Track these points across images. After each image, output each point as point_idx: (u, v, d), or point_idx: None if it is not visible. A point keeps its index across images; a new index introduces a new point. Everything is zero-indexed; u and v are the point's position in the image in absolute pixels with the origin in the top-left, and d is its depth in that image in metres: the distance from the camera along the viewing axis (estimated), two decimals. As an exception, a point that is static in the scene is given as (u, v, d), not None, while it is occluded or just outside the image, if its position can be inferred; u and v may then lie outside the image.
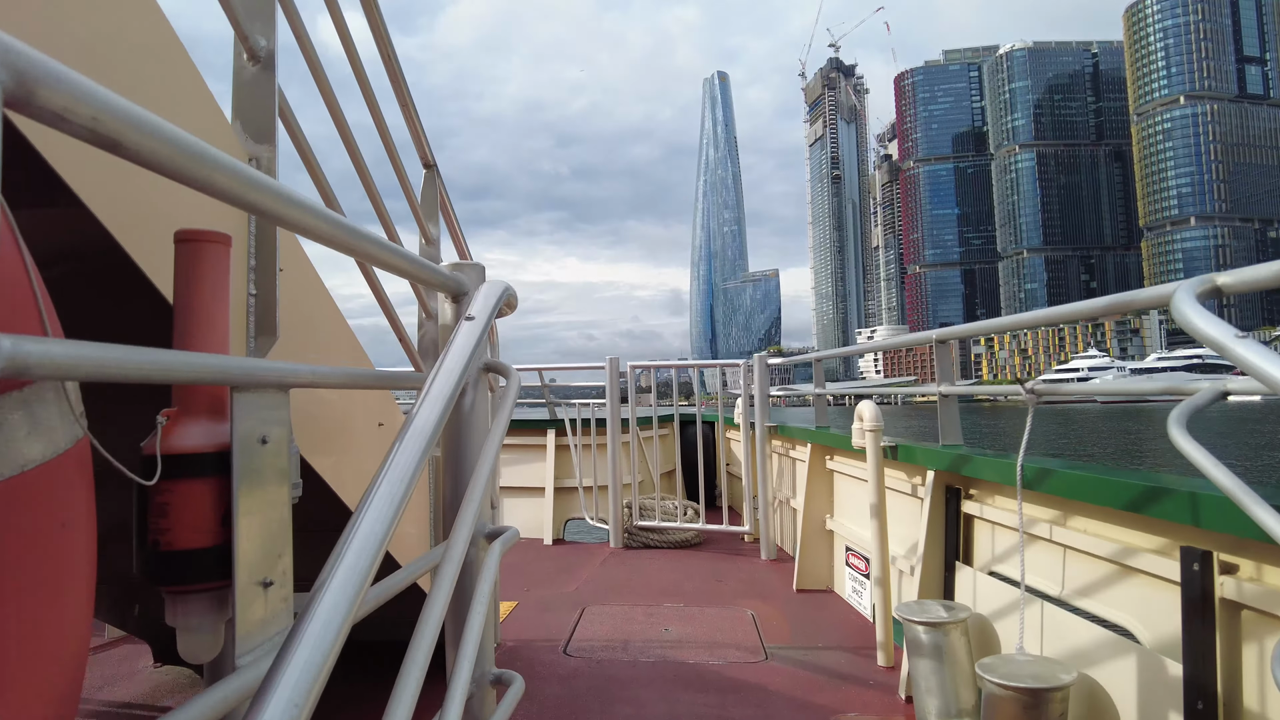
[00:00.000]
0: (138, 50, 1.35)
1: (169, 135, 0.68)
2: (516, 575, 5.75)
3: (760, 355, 6.56)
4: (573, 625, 4.37)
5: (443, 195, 3.09)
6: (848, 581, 4.77)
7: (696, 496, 7.09)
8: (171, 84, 1.44)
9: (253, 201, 0.85)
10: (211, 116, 1.55)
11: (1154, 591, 2.22)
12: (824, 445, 5.25)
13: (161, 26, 1.40)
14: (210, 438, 1.17)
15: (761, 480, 6.32)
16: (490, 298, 1.57)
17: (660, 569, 5.87)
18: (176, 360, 0.81)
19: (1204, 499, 1.91)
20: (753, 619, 4.48)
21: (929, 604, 2.82)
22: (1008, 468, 2.81)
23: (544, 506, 7.37)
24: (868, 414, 3.68)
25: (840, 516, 5.10)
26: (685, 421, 8.28)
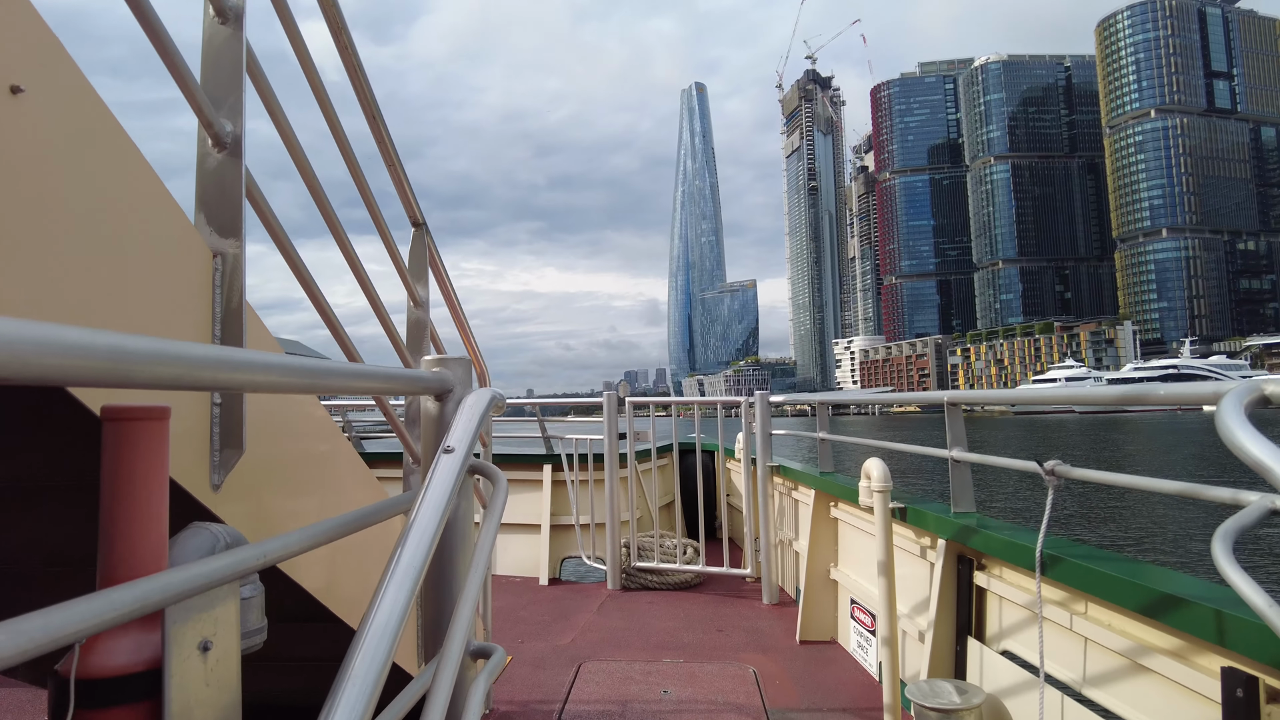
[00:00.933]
0: (91, 155, 1.28)
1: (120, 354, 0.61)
2: (511, 622, 5.57)
3: (761, 394, 6.24)
4: (568, 686, 4.23)
5: (433, 253, 2.94)
6: (853, 635, 4.61)
7: (696, 526, 6.85)
8: (125, 186, 1.35)
9: (203, 381, 0.77)
10: (168, 214, 1.44)
11: (1189, 704, 2.09)
12: (828, 492, 5.06)
13: (114, 130, 1.33)
14: (139, 653, 1.02)
15: (763, 521, 5.99)
16: (472, 420, 1.46)
17: (659, 615, 5.63)
18: (80, 613, 0.70)
19: (1251, 626, 1.80)
20: (754, 677, 4.34)
21: (941, 685, 2.70)
22: (1024, 550, 2.71)
23: (540, 544, 7.15)
24: (875, 473, 3.49)
25: (845, 566, 4.92)
26: (685, 450, 8.03)
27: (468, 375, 1.65)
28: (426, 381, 1.55)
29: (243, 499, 1.60)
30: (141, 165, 1.39)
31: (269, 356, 0.92)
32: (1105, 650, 2.45)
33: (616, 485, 6.61)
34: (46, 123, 1.18)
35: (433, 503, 1.20)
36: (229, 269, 1.60)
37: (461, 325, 3.45)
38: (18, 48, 1.13)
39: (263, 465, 1.70)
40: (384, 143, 2.44)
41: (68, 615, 0.68)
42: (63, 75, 1.22)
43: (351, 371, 1.21)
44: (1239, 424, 1.18)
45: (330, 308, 2.10)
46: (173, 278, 1.45)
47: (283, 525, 1.80)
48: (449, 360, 1.62)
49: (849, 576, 4.76)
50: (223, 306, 1.58)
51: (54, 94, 1.20)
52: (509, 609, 5.99)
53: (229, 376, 0.81)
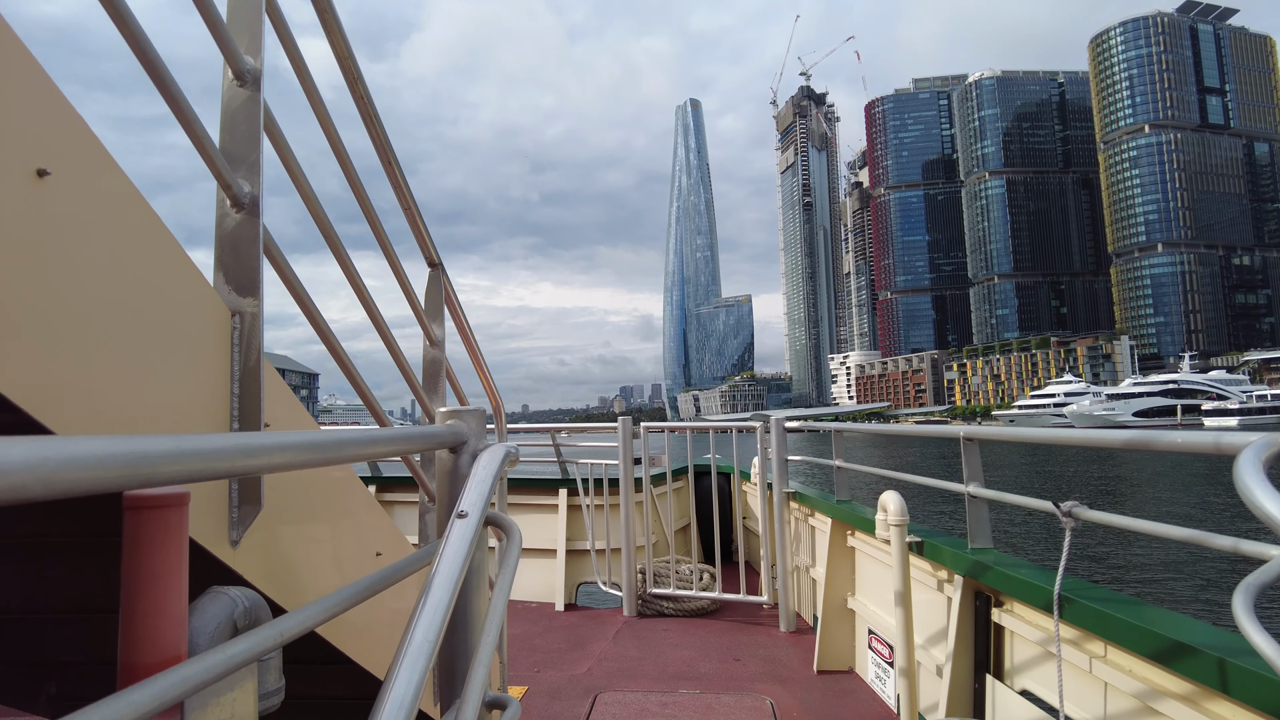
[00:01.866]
0: (114, 230, 1.31)
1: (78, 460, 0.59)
2: (527, 650, 5.54)
3: (777, 419, 6.19)
4: (584, 719, 4.24)
5: (448, 292, 2.96)
6: (870, 666, 4.57)
7: (712, 549, 6.77)
8: (147, 256, 1.38)
9: (222, 471, 0.78)
10: (188, 280, 1.47)
11: None
12: (845, 522, 5.03)
13: (137, 204, 1.36)
14: None
15: (780, 549, 5.95)
16: (485, 481, 1.47)
17: (675, 644, 5.60)
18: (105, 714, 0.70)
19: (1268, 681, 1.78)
20: (771, 709, 4.31)
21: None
22: (1041, 590, 2.70)
23: (555, 569, 7.16)
24: (893, 506, 3.50)
25: (863, 596, 4.89)
26: (700, 472, 8.10)
27: (481, 426, 1.65)
28: (440, 437, 1.56)
29: (261, 553, 1.63)
30: (163, 234, 1.42)
31: (287, 437, 0.94)
32: (1123, 695, 2.41)
33: (632, 511, 6.49)
34: (72, 203, 1.20)
35: (447, 569, 1.21)
36: (247, 327, 1.62)
37: (479, 365, 3.44)
38: (45, 132, 1.16)
39: (280, 518, 1.72)
40: (400, 189, 2.49)
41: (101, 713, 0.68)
42: (88, 156, 1.25)
43: (367, 439, 1.22)
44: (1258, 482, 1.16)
45: (348, 358, 2.14)
46: (193, 339, 1.48)
47: (299, 575, 1.82)
48: (463, 412, 1.63)
49: (867, 606, 4.71)
50: (240, 364, 1.60)
51: (80, 175, 1.23)
52: (525, 636, 5.91)
53: (247, 463, 0.82)
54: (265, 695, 1.30)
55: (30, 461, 0.52)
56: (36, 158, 1.13)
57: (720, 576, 6.56)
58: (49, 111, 1.18)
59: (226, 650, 0.94)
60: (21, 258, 1.09)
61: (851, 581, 5.07)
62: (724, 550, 7.12)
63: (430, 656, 1.02)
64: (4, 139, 1.09)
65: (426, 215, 2.44)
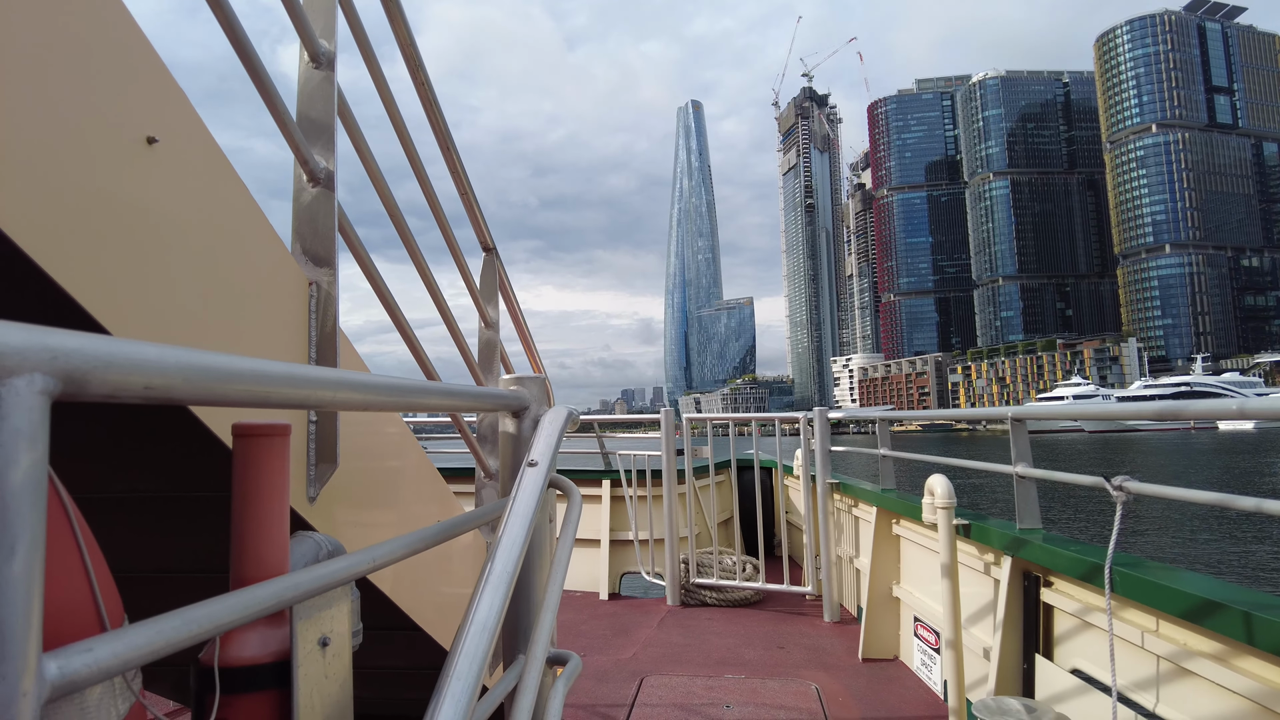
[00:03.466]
0: (210, 197, 1.38)
1: (218, 371, 0.66)
2: (572, 636, 5.69)
3: (820, 409, 6.27)
4: (631, 699, 4.28)
5: (502, 277, 3.04)
6: (916, 653, 4.60)
7: (755, 545, 6.81)
8: (238, 224, 1.46)
9: (303, 399, 0.84)
10: (271, 248, 1.55)
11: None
12: (890, 510, 5.08)
13: (229, 174, 1.43)
14: (268, 646, 1.14)
15: (824, 539, 6.06)
16: (553, 435, 1.52)
17: (719, 632, 5.67)
18: (227, 607, 0.77)
19: None
20: (817, 694, 4.31)
21: (1008, 702, 2.64)
22: (1092, 566, 2.70)
23: (599, 559, 7.30)
24: (939, 489, 3.49)
25: (908, 584, 4.94)
26: (743, 467, 8.28)
27: (542, 393, 1.69)
28: (506, 399, 1.60)
29: (335, 509, 1.69)
30: (252, 206, 1.50)
31: (372, 378, 1.00)
32: (1177, 667, 2.39)
33: (675, 501, 6.66)
34: (176, 170, 1.29)
35: (521, 513, 1.25)
36: (323, 296, 1.69)
37: (529, 345, 3.54)
38: (152, 102, 1.25)
39: (353, 479, 1.79)
40: (457, 173, 2.56)
41: (209, 611, 0.74)
42: (189, 126, 1.34)
43: (439, 390, 1.29)
44: None
45: (413, 331, 2.23)
46: (274, 305, 1.56)
47: (370, 534, 1.88)
48: (525, 379, 1.67)
49: (912, 594, 4.75)
50: (318, 331, 1.67)
51: (182, 143, 1.31)
52: (571, 623, 6.10)
53: (343, 396, 0.88)
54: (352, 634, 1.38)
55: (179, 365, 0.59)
56: (147, 125, 1.22)
57: (764, 568, 6.56)
58: (157, 84, 1.25)
59: (328, 567, 1.02)
60: (134, 218, 1.18)
61: (897, 570, 5.08)
62: (767, 546, 7.11)
63: (507, 591, 1.07)
64: (121, 107, 1.17)
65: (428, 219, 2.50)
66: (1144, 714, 2.49)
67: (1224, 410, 2.27)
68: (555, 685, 1.45)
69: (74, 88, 1.09)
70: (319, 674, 1.15)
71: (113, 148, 1.15)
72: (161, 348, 0.58)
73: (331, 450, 1.65)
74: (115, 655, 0.60)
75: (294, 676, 1.10)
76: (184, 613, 0.69)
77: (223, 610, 0.75)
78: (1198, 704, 2.32)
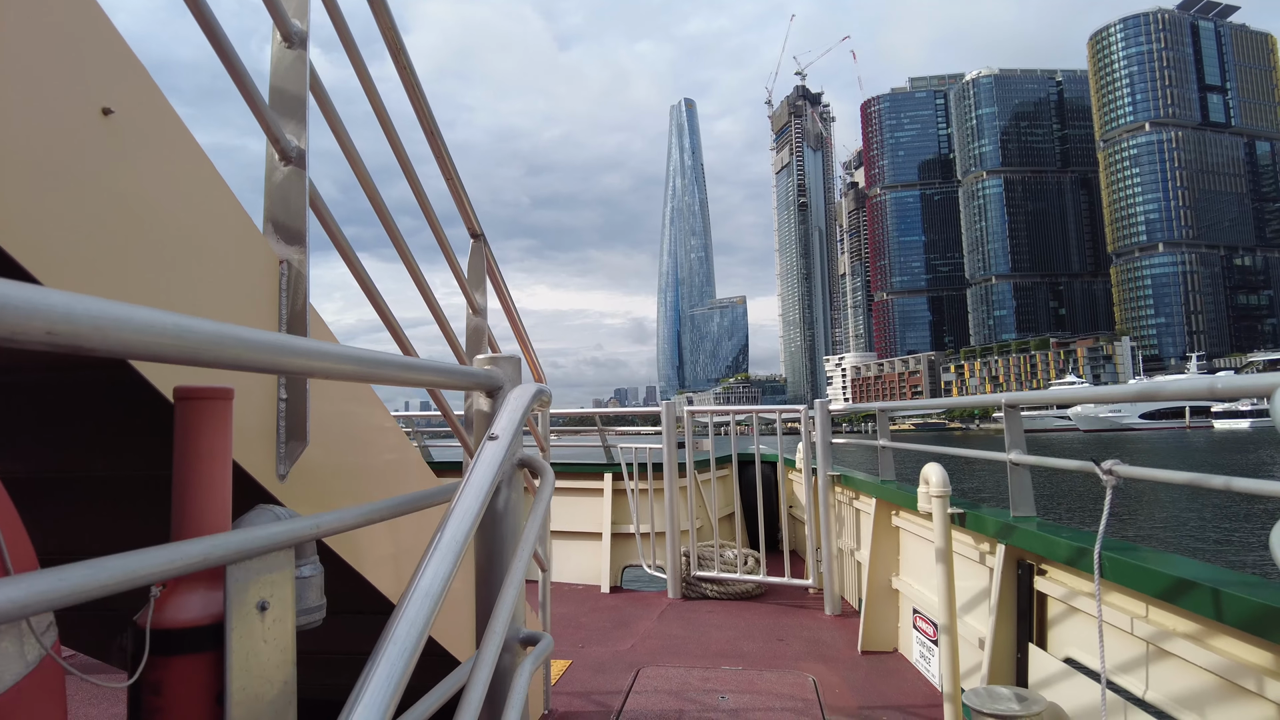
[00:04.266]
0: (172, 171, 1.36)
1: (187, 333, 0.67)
2: (572, 628, 5.69)
3: (821, 401, 6.24)
4: (626, 691, 4.28)
5: (490, 263, 3.02)
6: (915, 645, 4.59)
7: (757, 538, 6.75)
8: (202, 199, 1.44)
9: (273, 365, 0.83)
10: (238, 224, 1.54)
11: (1257, 709, 2.03)
12: (889, 501, 5.10)
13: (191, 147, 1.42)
14: (207, 608, 1.12)
15: (825, 532, 6.05)
16: (516, 410, 1.52)
17: (719, 624, 5.70)
18: (145, 560, 0.75)
19: None
20: (814, 685, 4.30)
21: (1000, 691, 2.65)
22: (1083, 553, 2.71)
23: (601, 552, 7.31)
24: (934, 478, 3.48)
25: (907, 576, 4.95)
26: (745, 461, 8.33)
27: (518, 373, 1.68)
28: (477, 377, 1.59)
29: (306, 488, 1.68)
30: (216, 180, 1.47)
31: (326, 345, 0.97)
32: (1167, 655, 2.40)
33: (676, 494, 6.64)
34: (134, 141, 1.26)
35: (476, 484, 1.23)
36: (294, 274, 1.68)
37: (518, 331, 3.52)
38: (108, 72, 1.21)
39: (325, 457, 1.77)
40: (443, 159, 2.53)
41: (142, 560, 0.75)
42: (147, 97, 1.31)
43: (405, 364, 1.25)
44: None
45: (390, 310, 2.20)
46: (243, 283, 1.54)
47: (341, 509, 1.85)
48: (500, 359, 1.66)
49: (911, 586, 4.75)
50: (288, 309, 1.66)
51: (140, 115, 1.28)
52: (571, 615, 6.05)
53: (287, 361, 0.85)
54: (308, 610, 1.38)
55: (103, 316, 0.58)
56: (102, 96, 1.19)
57: (765, 562, 6.56)
58: (112, 54, 1.23)
59: (267, 528, 1.00)
60: (90, 190, 1.16)
61: (896, 562, 5.07)
62: (769, 538, 7.07)
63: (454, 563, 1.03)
64: (74, 77, 1.14)
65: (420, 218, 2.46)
66: (1134, 701, 2.49)
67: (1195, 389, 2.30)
68: (522, 664, 1.43)
69: (23, 57, 1.06)
70: (256, 638, 1.13)
71: (66, 118, 1.12)
72: (71, 295, 0.57)
73: (301, 427, 1.64)
74: (11, 600, 0.59)
75: (226, 638, 1.09)
76: (96, 563, 0.68)
77: (140, 563, 0.73)
78: (1186, 689, 2.32)
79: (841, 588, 6.20)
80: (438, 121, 2.32)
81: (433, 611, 0.95)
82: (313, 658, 1.29)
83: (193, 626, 1.10)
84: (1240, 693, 2.08)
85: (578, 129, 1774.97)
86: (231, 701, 1.08)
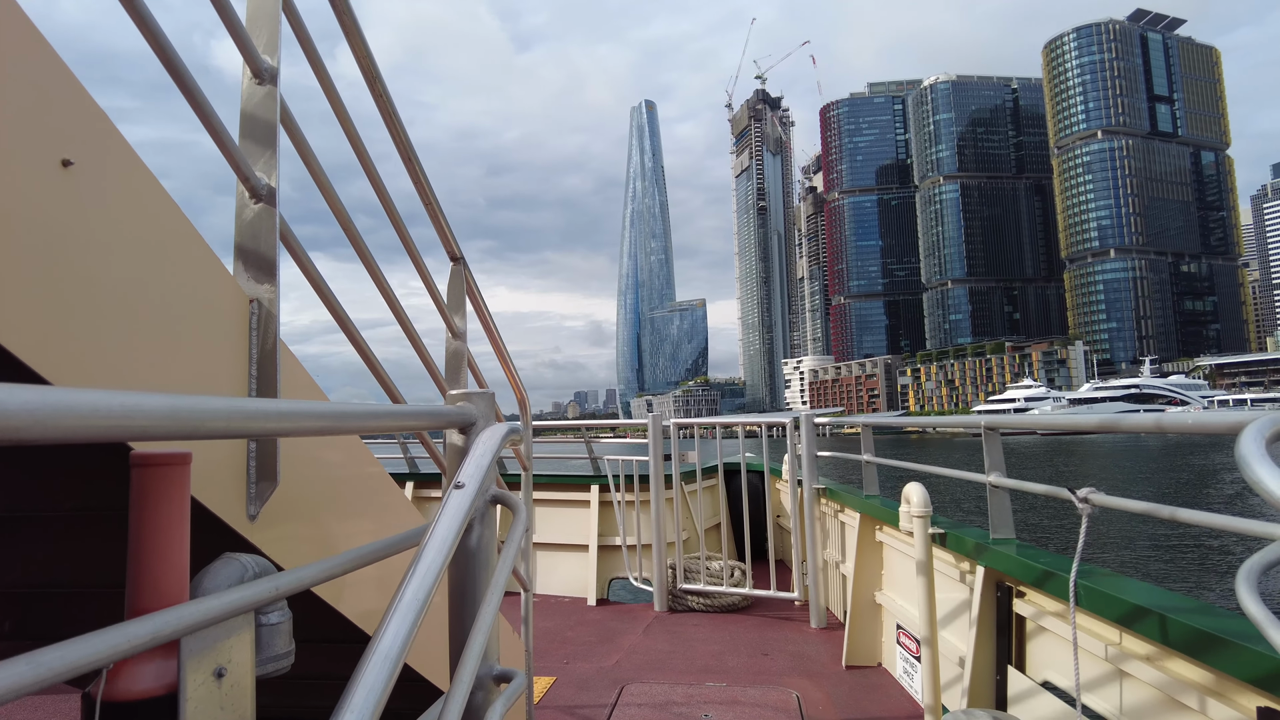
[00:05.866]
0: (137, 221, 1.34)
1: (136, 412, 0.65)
2: (557, 643, 5.68)
3: (807, 414, 6.27)
4: (610, 708, 4.29)
5: (471, 286, 3.01)
6: (899, 661, 4.59)
7: (744, 548, 6.75)
8: (169, 246, 1.42)
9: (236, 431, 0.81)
10: (207, 267, 1.52)
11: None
12: (873, 516, 5.12)
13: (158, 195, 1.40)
14: (160, 678, 1.09)
15: (810, 545, 6.03)
16: (485, 455, 1.50)
17: (705, 638, 5.67)
18: (96, 645, 0.73)
19: None
20: (797, 702, 4.32)
21: (977, 715, 2.66)
22: (1059, 579, 2.75)
23: (588, 564, 7.27)
24: (915, 498, 3.51)
25: (890, 591, 4.96)
26: (732, 471, 8.45)
27: (491, 408, 1.67)
28: (449, 416, 1.58)
29: (278, 528, 1.66)
30: (184, 225, 1.45)
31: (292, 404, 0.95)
32: (1140, 683, 2.42)
33: (662, 506, 6.62)
34: (95, 193, 1.23)
35: (440, 536, 1.22)
36: (264, 314, 1.66)
37: (501, 355, 3.52)
38: (68, 123, 1.19)
39: (297, 495, 1.75)
40: (420, 183, 2.52)
41: (85, 647, 0.71)
42: (111, 148, 1.28)
43: (375, 413, 1.23)
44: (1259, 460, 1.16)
45: (366, 343, 2.18)
46: (212, 325, 1.53)
47: (317, 552, 1.86)
48: (472, 395, 1.66)
49: (895, 601, 4.75)
50: (258, 348, 1.65)
51: (103, 166, 1.26)
52: (556, 630, 6.02)
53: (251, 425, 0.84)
54: (276, 658, 1.36)
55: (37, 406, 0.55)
56: (61, 148, 1.16)
57: (751, 574, 6.49)
58: (71, 103, 1.21)
59: (223, 597, 0.97)
60: (49, 245, 1.12)
61: (880, 577, 5.06)
62: (757, 549, 7.08)
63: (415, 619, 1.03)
64: (30, 129, 1.11)
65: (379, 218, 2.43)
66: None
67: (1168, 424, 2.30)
68: (494, 704, 1.42)
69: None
70: (213, 705, 1.11)
71: (22, 172, 1.10)
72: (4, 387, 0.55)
73: (271, 468, 1.62)
74: None
75: (180, 711, 1.07)
76: (36, 655, 0.66)
77: (83, 651, 0.71)
78: (1158, 716, 2.35)
79: (827, 600, 6.18)
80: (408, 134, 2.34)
81: (391, 675, 0.93)
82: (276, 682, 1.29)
83: (146, 698, 1.07)
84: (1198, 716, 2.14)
85: (539, 129, 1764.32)
86: None
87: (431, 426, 1.54)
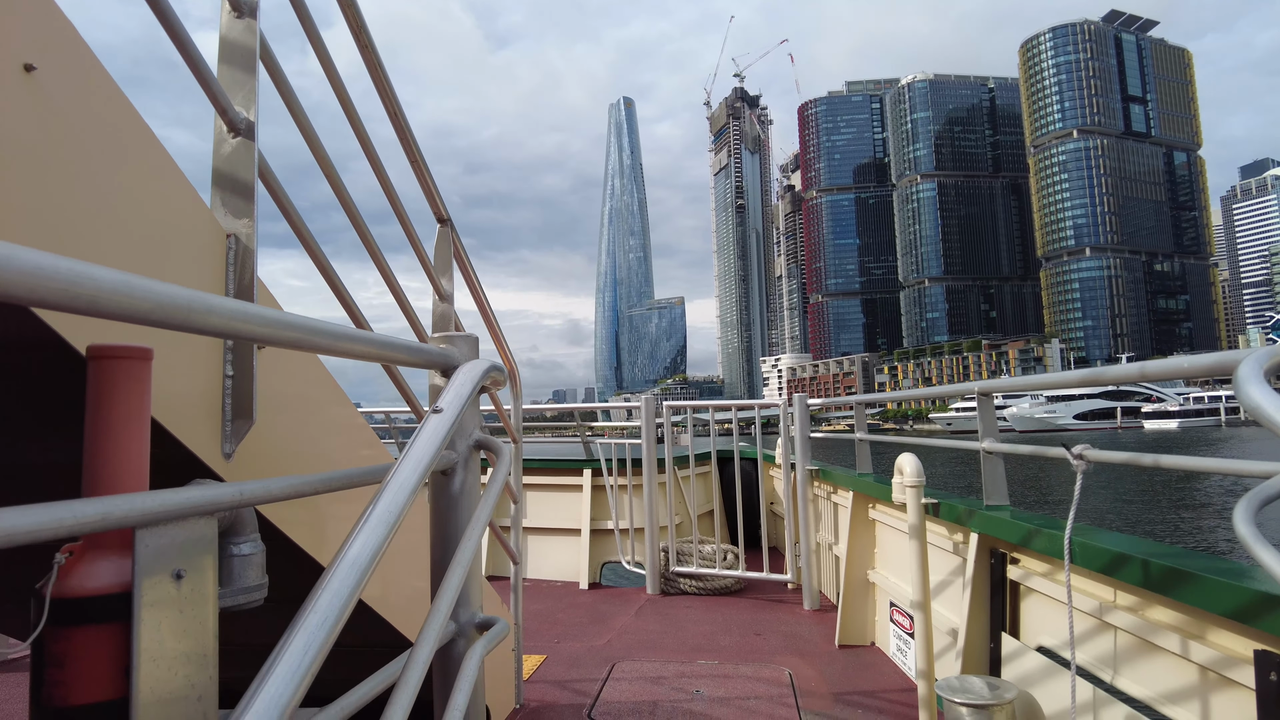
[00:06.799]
0: (104, 134, 1.27)
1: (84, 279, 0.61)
2: (549, 624, 5.69)
3: (800, 396, 6.27)
4: (600, 685, 4.26)
5: (458, 248, 2.98)
6: (892, 639, 4.61)
7: (736, 535, 6.79)
8: (138, 165, 1.36)
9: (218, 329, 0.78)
10: (180, 194, 1.46)
11: (1222, 690, 2.05)
12: (866, 494, 5.14)
13: (126, 110, 1.33)
14: (117, 576, 1.04)
15: (804, 527, 6.08)
16: (465, 385, 1.46)
17: (697, 620, 5.70)
18: (39, 517, 0.69)
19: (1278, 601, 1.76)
20: (790, 679, 4.31)
21: (972, 680, 2.66)
22: (1053, 539, 2.74)
23: (580, 549, 7.24)
24: (908, 468, 3.47)
25: (883, 569, 4.99)
26: (725, 458, 8.28)
27: (473, 352, 1.64)
28: (430, 355, 1.54)
29: (253, 467, 1.63)
30: (155, 146, 1.40)
31: (265, 311, 0.91)
32: (1135, 639, 2.42)
33: (655, 490, 6.62)
34: (60, 101, 1.17)
35: (416, 457, 1.18)
36: (241, 249, 1.62)
37: (487, 316, 3.50)
38: (30, 28, 1.13)
39: (273, 436, 1.72)
40: (407, 142, 2.46)
41: (28, 517, 0.68)
42: (74, 55, 1.22)
43: (354, 336, 1.18)
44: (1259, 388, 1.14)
45: (347, 290, 2.12)
46: (185, 255, 1.48)
47: None
48: (455, 337, 1.63)
49: (888, 579, 4.78)
50: (235, 284, 1.61)
51: (67, 73, 1.19)
52: (548, 612, 6.03)
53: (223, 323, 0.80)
54: (248, 589, 1.32)
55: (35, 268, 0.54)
56: (24, 52, 1.10)
57: (744, 557, 6.58)
58: (32, 6, 1.15)
59: (182, 493, 0.92)
60: (13, 154, 1.07)
61: (873, 555, 5.11)
62: (750, 535, 7.19)
63: (385, 535, 0.99)
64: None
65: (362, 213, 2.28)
66: (1104, 688, 2.50)
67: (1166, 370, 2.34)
68: (473, 647, 1.40)
69: None
70: (171, 610, 1.05)
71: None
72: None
73: (248, 406, 1.58)
74: None
75: (134, 608, 1.01)
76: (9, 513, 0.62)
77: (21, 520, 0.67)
78: (1154, 675, 2.33)
79: (820, 582, 6.20)
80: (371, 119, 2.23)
81: (359, 583, 0.90)
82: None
83: (99, 595, 1.02)
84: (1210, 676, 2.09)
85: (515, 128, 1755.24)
86: (138, 674, 1.01)
87: (413, 363, 1.52)
